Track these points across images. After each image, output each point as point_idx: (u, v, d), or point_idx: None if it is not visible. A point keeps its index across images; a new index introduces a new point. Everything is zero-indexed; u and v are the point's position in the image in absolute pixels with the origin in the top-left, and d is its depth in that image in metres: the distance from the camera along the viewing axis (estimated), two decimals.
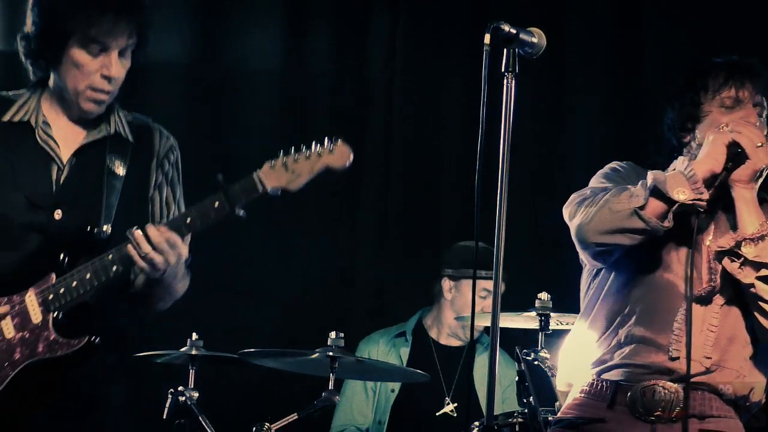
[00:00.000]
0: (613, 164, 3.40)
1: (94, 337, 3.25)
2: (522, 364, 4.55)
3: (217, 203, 3.23)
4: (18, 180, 3.33)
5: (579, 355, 3.36)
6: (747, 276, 3.16)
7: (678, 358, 3.19)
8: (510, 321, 4.71)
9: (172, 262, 3.24)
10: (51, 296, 3.25)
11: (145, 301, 3.43)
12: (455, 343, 5.65)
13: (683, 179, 3.10)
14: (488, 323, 2.92)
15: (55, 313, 3.25)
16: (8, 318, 3.26)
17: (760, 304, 3.19)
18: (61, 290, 3.25)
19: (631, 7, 6.13)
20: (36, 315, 3.26)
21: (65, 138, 3.39)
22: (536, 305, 4.68)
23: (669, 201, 3.10)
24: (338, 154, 3.25)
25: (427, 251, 6.00)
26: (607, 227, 3.15)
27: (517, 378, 4.64)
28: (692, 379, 3.19)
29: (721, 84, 3.26)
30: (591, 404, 3.29)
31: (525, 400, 4.56)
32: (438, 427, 5.41)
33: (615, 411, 3.25)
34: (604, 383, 3.27)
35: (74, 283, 3.25)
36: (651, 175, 3.12)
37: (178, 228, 3.24)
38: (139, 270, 3.26)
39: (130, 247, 3.21)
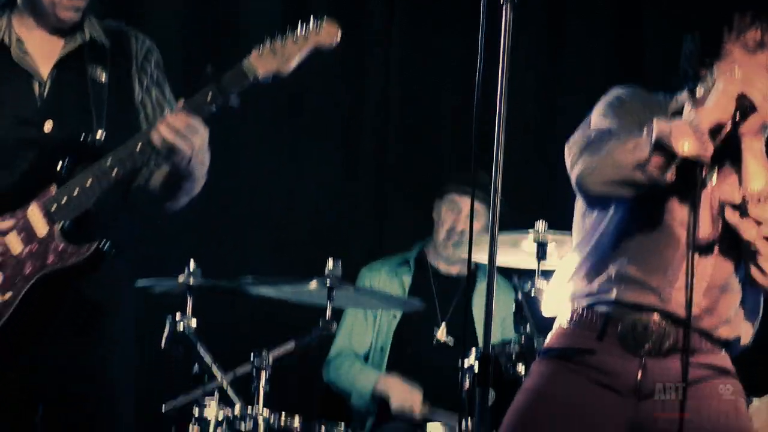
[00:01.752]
0: (617, 92, 3.30)
1: (102, 243, 3.26)
2: (519, 294, 4.58)
3: (210, 95, 3.23)
4: (3, 102, 3.32)
5: (569, 287, 3.34)
6: (748, 230, 3.14)
7: (670, 300, 3.18)
8: (507, 255, 4.73)
9: (197, 146, 3.23)
10: (54, 207, 3.26)
11: (168, 198, 3.42)
12: (455, 271, 5.66)
13: (688, 130, 3.03)
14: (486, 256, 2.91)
15: (60, 222, 3.25)
16: (14, 233, 3.26)
17: (758, 259, 3.17)
18: (64, 199, 3.25)
19: (631, 7, 6.10)
20: (41, 227, 3.26)
21: (42, 52, 3.37)
22: (532, 235, 4.69)
23: (672, 153, 3.04)
24: (325, 33, 3.23)
25: (429, 179, 5.98)
26: (609, 179, 3.10)
27: (514, 307, 4.68)
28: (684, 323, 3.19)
29: (748, 24, 3.18)
30: (579, 334, 3.26)
31: (522, 329, 4.59)
32: (439, 352, 5.43)
33: (604, 342, 3.22)
34: (593, 314, 3.25)
35: (76, 191, 3.25)
36: (656, 126, 3.03)
37: (198, 108, 3.24)
38: (171, 161, 3.25)
39: (155, 137, 3.21)
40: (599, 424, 3.21)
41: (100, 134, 3.31)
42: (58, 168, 3.28)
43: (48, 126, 3.32)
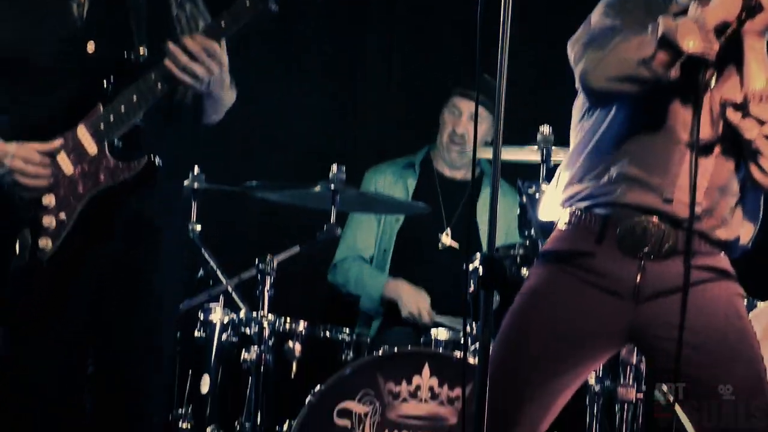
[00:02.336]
0: None
1: (153, 157, 3.28)
2: (524, 197, 4.57)
3: (224, 20, 3.23)
4: (43, 25, 3.30)
5: (567, 190, 3.33)
6: (749, 129, 3.12)
7: (671, 200, 3.17)
8: (511, 154, 4.71)
9: (215, 72, 3.25)
10: (102, 125, 3.27)
11: (197, 117, 3.44)
12: (459, 175, 5.66)
13: (694, 27, 3.01)
14: (490, 156, 2.91)
15: (109, 140, 3.27)
16: (63, 154, 3.26)
17: (759, 159, 3.16)
18: (111, 118, 3.26)
19: None
20: (91, 146, 3.27)
21: None
22: (538, 138, 4.68)
23: (678, 50, 3.02)
24: None
25: (435, 84, 5.95)
26: (613, 74, 3.08)
27: (519, 211, 4.68)
28: (683, 224, 3.19)
29: None
30: (578, 237, 3.24)
31: (526, 233, 4.60)
32: (441, 255, 5.45)
33: (603, 246, 3.20)
34: (592, 217, 3.23)
35: (122, 109, 3.26)
36: (662, 23, 3.01)
37: (214, 34, 3.25)
38: (183, 84, 3.26)
39: (168, 61, 3.21)
40: (597, 326, 3.21)
41: (142, 51, 3.30)
42: (104, 87, 3.28)
43: (91, 46, 3.30)
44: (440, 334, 4.74)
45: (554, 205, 3.35)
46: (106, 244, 3.32)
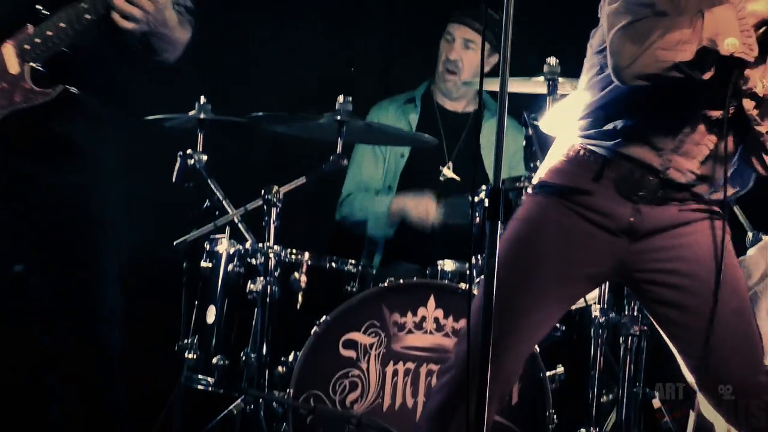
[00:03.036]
0: None
1: (70, 87, 3.30)
2: (530, 129, 4.56)
3: None
4: None
5: (574, 123, 3.32)
6: (761, 124, 3.13)
7: (669, 166, 3.18)
8: (518, 86, 4.69)
9: (150, 9, 3.24)
10: (27, 46, 3.29)
11: (148, 54, 3.43)
12: (459, 107, 5.64)
13: (736, 27, 2.99)
14: (496, 88, 2.89)
15: (32, 62, 3.28)
16: None
17: (762, 153, 3.17)
18: (37, 39, 3.28)
19: None
20: (13, 65, 3.29)
21: None
22: (544, 70, 4.65)
23: (717, 53, 3.00)
24: None
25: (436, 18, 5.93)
26: (648, 73, 3.04)
27: (524, 143, 4.67)
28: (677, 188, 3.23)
29: None
30: (576, 173, 3.26)
31: (532, 165, 4.59)
32: (446, 191, 5.45)
33: (600, 185, 3.23)
34: (592, 156, 3.24)
35: (49, 32, 3.27)
36: (707, 26, 2.98)
37: None
38: (119, 24, 3.26)
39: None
40: (587, 257, 3.25)
41: None
42: (37, 8, 3.28)
43: None
44: (446, 265, 4.75)
45: (558, 121, 3.35)
46: (24, 159, 3.35)
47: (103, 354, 3.41)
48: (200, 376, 4.70)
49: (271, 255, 4.59)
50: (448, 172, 5.41)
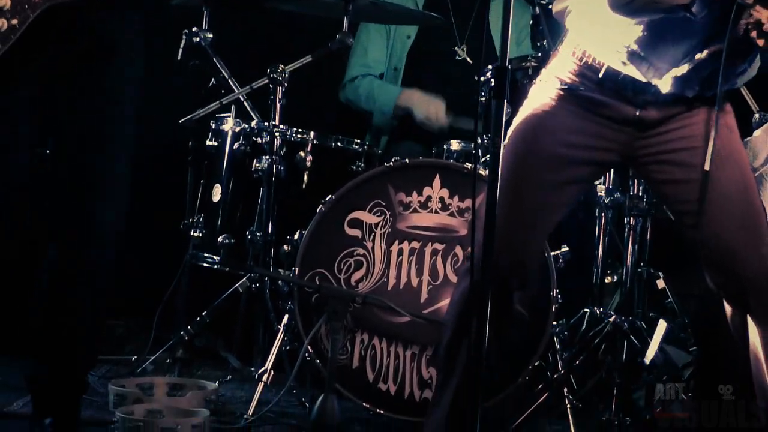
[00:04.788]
0: None
1: None
2: (537, 8, 4.52)
3: None
4: None
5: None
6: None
7: (661, 79, 3.22)
8: None
9: None
10: None
11: None
12: None
13: None
14: None
15: None
16: None
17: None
18: None
19: None
20: None
21: None
22: None
23: None
24: None
25: None
26: (639, 7, 3.09)
27: (531, 21, 4.63)
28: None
29: None
30: (583, 72, 3.29)
31: (539, 44, 4.56)
32: (453, 72, 5.42)
33: (604, 87, 3.27)
34: (596, 61, 3.27)
35: None
36: None
37: None
38: None
39: None
40: (595, 142, 3.29)
41: None
42: None
43: None
44: (452, 145, 4.75)
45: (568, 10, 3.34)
46: (57, 57, 3.34)
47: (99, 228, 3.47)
48: (206, 254, 4.74)
49: (277, 134, 4.59)
50: (461, 53, 5.36)
